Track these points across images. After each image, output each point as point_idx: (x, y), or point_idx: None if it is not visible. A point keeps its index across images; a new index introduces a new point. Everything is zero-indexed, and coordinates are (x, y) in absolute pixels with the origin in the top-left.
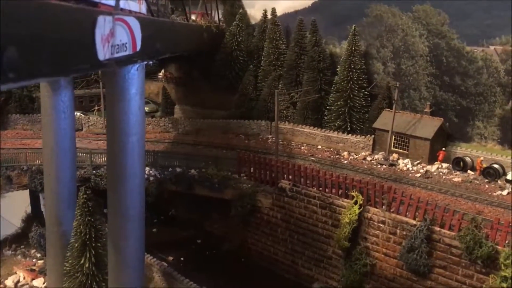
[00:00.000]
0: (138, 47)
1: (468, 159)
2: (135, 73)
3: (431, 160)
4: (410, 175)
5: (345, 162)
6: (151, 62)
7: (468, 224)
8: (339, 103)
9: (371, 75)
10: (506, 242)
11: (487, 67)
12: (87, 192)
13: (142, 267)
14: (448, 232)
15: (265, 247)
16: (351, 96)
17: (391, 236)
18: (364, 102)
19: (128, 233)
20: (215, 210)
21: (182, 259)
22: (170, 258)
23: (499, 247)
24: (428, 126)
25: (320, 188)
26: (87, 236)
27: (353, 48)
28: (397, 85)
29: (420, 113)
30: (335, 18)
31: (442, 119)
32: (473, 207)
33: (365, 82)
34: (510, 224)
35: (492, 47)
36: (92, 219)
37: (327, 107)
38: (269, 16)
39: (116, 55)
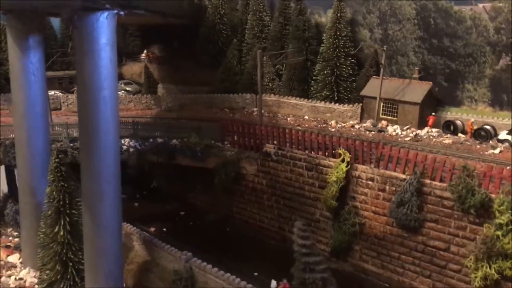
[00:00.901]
0: None
1: (458, 122)
2: (104, 21)
3: (421, 125)
4: (399, 139)
5: (333, 130)
6: (122, 13)
7: (460, 173)
8: (325, 72)
9: (358, 42)
10: (500, 190)
11: (476, 26)
12: (59, 156)
13: (119, 232)
14: (439, 183)
15: (251, 215)
16: (338, 64)
17: (380, 193)
18: (351, 71)
19: (103, 195)
20: (198, 182)
21: (164, 229)
22: (152, 229)
23: (492, 195)
24: (417, 90)
25: (306, 150)
26: (61, 203)
27: (339, 15)
28: (384, 49)
29: (408, 79)
30: None
31: (431, 83)
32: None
33: (352, 49)
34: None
35: (480, 5)
36: (66, 185)
37: (314, 78)
38: None
39: None
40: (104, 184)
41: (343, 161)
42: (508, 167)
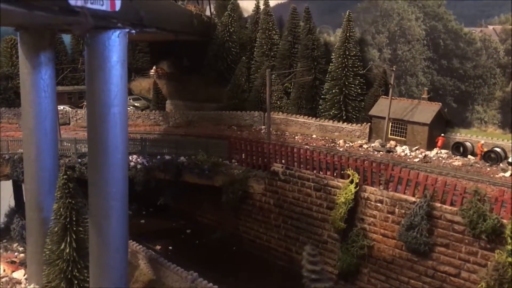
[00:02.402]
0: (117, 7)
1: (468, 144)
2: (116, 40)
3: (430, 146)
4: (408, 160)
5: (341, 149)
6: (133, 32)
7: (471, 197)
8: (334, 91)
9: (367, 62)
10: None
11: (486, 48)
12: (68, 172)
13: (126, 249)
14: (450, 207)
15: (258, 235)
16: (346, 83)
17: (389, 215)
18: (359, 90)
19: (110, 212)
20: (205, 199)
21: (170, 248)
22: (158, 247)
23: (504, 220)
24: (426, 111)
25: (314, 170)
26: (68, 220)
27: (348, 34)
28: (393, 69)
29: (417, 100)
30: (329, 6)
31: (440, 103)
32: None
33: (361, 69)
34: None
35: (491, 27)
36: (73, 202)
37: (322, 96)
38: (262, 7)
39: (89, 6)
40: (111, 201)
41: (351, 182)
42: None
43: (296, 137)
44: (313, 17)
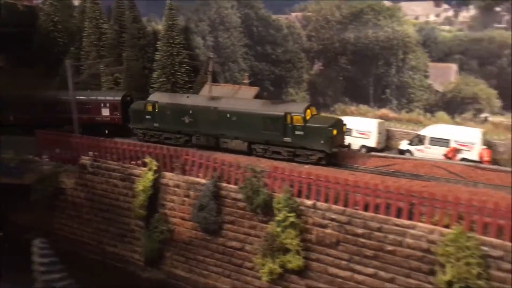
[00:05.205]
0: None
1: None
2: None
3: None
4: None
5: None
6: None
7: (249, 175)
8: (161, 79)
9: (193, 49)
10: (281, 190)
11: (291, 34)
12: None
13: None
14: (234, 186)
15: (72, 230)
16: (173, 71)
17: (185, 199)
18: (187, 78)
19: None
20: (19, 199)
21: None
22: None
23: (276, 194)
24: (245, 95)
25: (120, 160)
26: None
27: (171, 23)
28: (210, 56)
29: (239, 85)
30: None
31: (258, 88)
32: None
33: (187, 57)
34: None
35: (293, 14)
36: None
37: (151, 85)
38: None
39: None
40: None
41: (150, 169)
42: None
43: None
44: (141, 6)
